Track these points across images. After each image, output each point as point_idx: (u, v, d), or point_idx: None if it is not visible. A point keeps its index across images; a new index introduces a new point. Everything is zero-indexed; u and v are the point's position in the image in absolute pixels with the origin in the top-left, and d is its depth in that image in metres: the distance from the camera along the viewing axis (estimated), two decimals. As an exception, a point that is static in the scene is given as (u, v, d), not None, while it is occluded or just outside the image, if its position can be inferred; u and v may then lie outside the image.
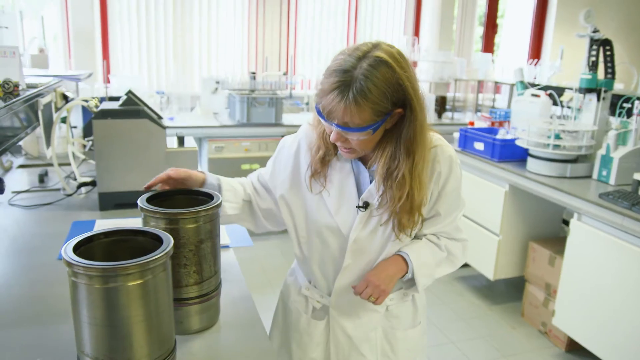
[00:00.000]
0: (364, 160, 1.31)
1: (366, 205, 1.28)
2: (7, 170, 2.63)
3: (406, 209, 1.22)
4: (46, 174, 2.49)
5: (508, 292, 3.75)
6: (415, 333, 1.48)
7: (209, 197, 1.24)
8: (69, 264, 0.87)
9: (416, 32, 5.86)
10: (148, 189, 1.28)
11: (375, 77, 1.08)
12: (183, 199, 1.28)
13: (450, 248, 1.38)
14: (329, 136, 1.22)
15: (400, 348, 1.45)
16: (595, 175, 2.92)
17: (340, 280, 1.36)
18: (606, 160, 2.83)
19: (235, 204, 1.39)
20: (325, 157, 1.30)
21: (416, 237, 1.37)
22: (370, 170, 1.30)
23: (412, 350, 1.48)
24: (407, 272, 1.31)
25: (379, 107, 1.11)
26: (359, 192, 1.30)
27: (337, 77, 1.10)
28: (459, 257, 1.42)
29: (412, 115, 1.15)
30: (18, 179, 2.50)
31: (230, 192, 1.38)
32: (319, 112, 1.17)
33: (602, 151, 2.86)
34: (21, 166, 2.72)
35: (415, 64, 5.52)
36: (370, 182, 1.29)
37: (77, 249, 0.93)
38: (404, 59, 1.14)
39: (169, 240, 0.97)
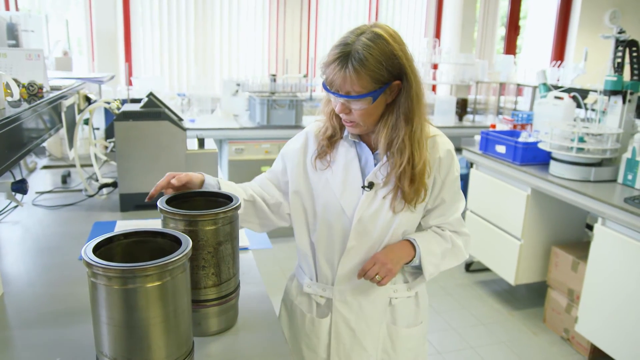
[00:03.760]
0: (369, 144, 1.36)
1: (371, 185, 1.33)
2: (32, 171, 2.68)
3: (408, 175, 1.27)
4: (69, 174, 2.53)
5: (530, 297, 3.69)
6: (417, 332, 1.49)
7: (228, 199, 1.24)
8: (88, 265, 0.88)
9: (437, 34, 5.82)
10: (150, 199, 1.29)
11: (372, 48, 1.18)
12: (202, 200, 1.29)
13: (455, 240, 1.42)
14: (336, 116, 1.33)
15: (401, 346, 1.46)
16: (620, 179, 2.86)
17: (343, 264, 1.38)
18: (632, 164, 2.78)
19: None
20: (332, 137, 1.38)
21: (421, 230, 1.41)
22: (375, 153, 1.35)
23: (413, 351, 1.49)
24: (414, 257, 1.35)
25: (377, 75, 1.20)
26: (364, 176, 1.35)
27: (338, 50, 1.21)
28: (463, 251, 1.45)
29: (408, 85, 1.24)
30: (42, 180, 2.54)
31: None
32: (324, 86, 1.26)
33: (627, 154, 2.80)
34: (45, 167, 2.76)
35: (435, 66, 5.48)
36: (375, 165, 1.34)
37: (97, 250, 0.94)
38: (399, 37, 1.24)
39: (187, 242, 0.97)
